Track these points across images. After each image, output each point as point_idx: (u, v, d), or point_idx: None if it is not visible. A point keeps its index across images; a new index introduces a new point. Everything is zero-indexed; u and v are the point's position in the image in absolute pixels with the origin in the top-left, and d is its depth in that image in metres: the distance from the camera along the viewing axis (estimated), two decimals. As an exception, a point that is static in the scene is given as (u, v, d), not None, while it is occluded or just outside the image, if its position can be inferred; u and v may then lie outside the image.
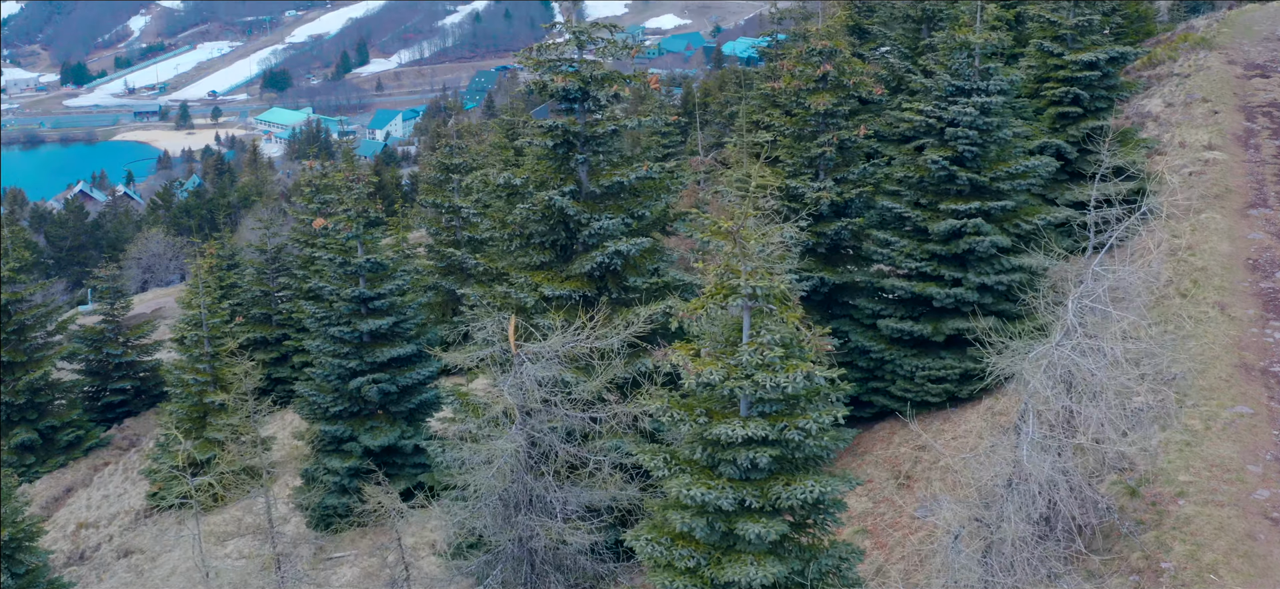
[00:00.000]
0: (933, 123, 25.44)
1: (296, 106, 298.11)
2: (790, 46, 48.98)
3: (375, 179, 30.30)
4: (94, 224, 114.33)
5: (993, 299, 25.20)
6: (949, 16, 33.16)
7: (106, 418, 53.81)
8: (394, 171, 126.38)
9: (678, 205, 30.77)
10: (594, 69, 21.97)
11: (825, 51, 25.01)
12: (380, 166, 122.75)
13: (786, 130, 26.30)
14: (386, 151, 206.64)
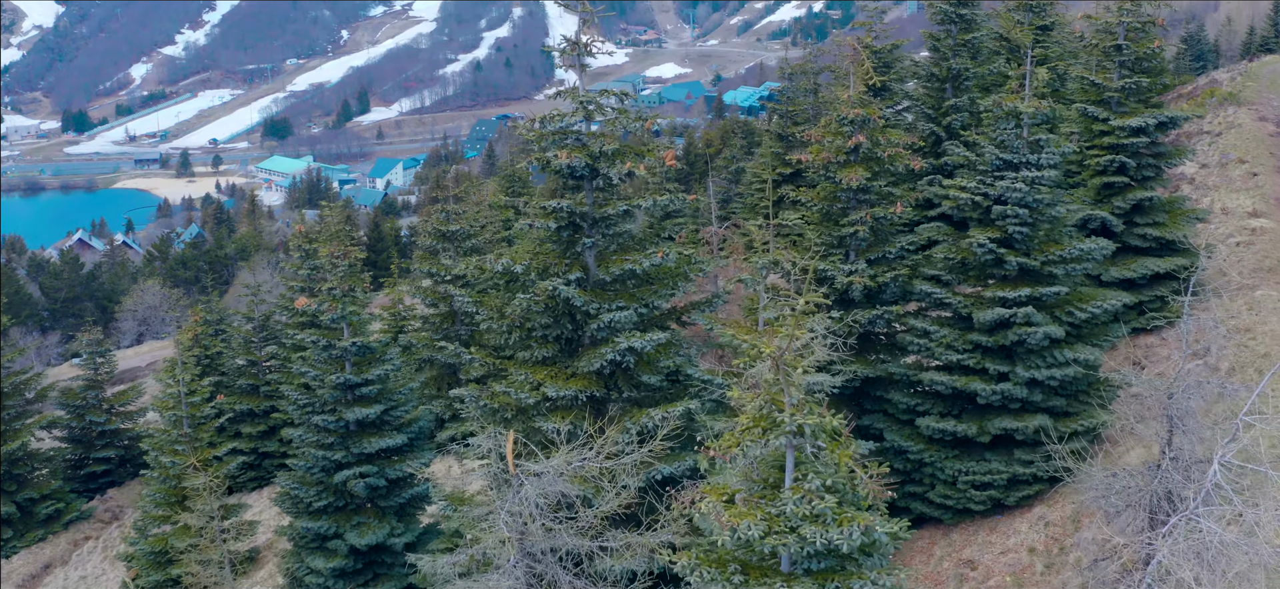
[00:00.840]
0: (978, 200, 23.07)
1: (297, 155, 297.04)
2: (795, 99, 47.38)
3: (362, 254, 27.63)
4: (90, 275, 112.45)
5: (1043, 395, 22.71)
6: (976, 76, 30.99)
7: (89, 488, 51.52)
8: (393, 223, 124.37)
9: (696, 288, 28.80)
10: (603, 143, 19.69)
11: (857, 121, 22.59)
12: (378, 218, 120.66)
13: (814, 206, 24.01)
14: (386, 201, 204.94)
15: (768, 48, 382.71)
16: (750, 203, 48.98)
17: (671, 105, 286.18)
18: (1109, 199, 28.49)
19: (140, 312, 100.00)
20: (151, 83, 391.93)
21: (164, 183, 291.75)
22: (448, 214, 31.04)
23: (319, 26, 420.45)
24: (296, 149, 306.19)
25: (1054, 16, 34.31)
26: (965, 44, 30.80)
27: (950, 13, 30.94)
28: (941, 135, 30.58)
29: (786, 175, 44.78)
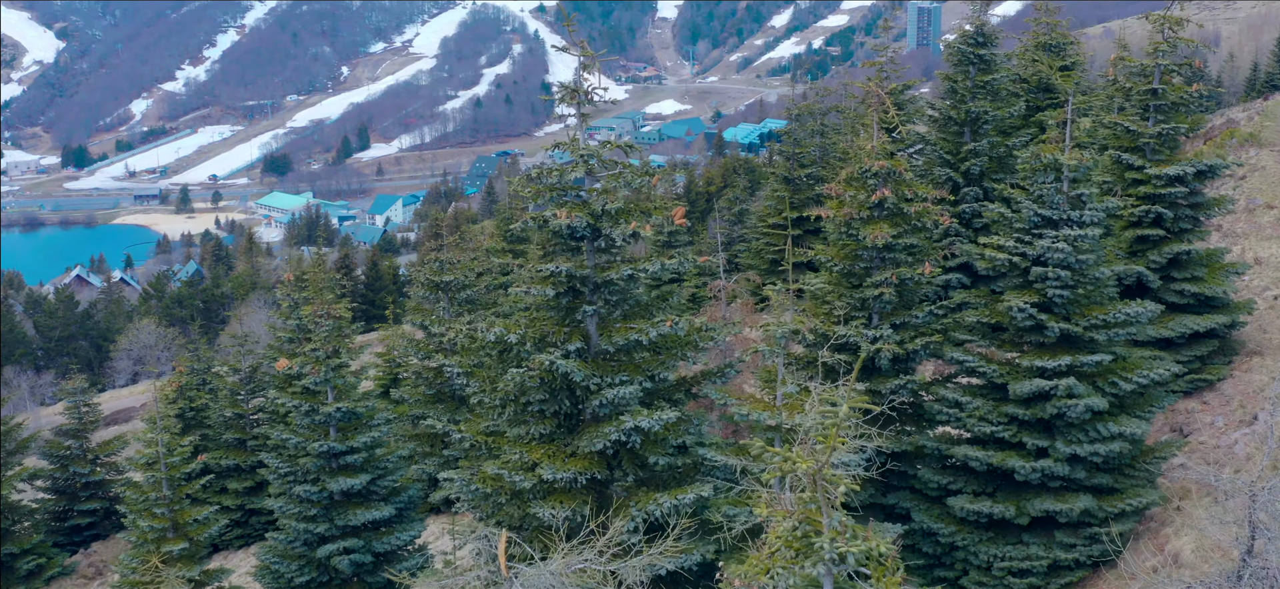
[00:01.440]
0: (1015, 261, 21.30)
1: (297, 191, 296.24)
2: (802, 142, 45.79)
3: (348, 314, 25.85)
4: (85, 313, 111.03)
5: (1087, 472, 20.77)
6: (995, 119, 29.27)
7: (72, 542, 49.59)
8: (392, 261, 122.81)
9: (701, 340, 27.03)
10: (606, 200, 18.07)
11: (881, 174, 20.82)
12: (377, 256, 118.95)
13: (835, 265, 22.08)
14: (386, 238, 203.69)
15: (768, 84, 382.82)
16: (756, 247, 47.25)
17: (671, 141, 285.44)
18: (1144, 253, 26.67)
19: (135, 351, 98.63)
20: (152, 118, 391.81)
21: (163, 219, 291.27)
22: (441, 264, 29.29)
23: (319, 63, 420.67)
24: (296, 185, 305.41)
25: (1075, 56, 32.68)
26: (984, 85, 28.96)
27: (968, 54, 28.99)
28: (959, 181, 28.87)
29: (793, 219, 43.36)
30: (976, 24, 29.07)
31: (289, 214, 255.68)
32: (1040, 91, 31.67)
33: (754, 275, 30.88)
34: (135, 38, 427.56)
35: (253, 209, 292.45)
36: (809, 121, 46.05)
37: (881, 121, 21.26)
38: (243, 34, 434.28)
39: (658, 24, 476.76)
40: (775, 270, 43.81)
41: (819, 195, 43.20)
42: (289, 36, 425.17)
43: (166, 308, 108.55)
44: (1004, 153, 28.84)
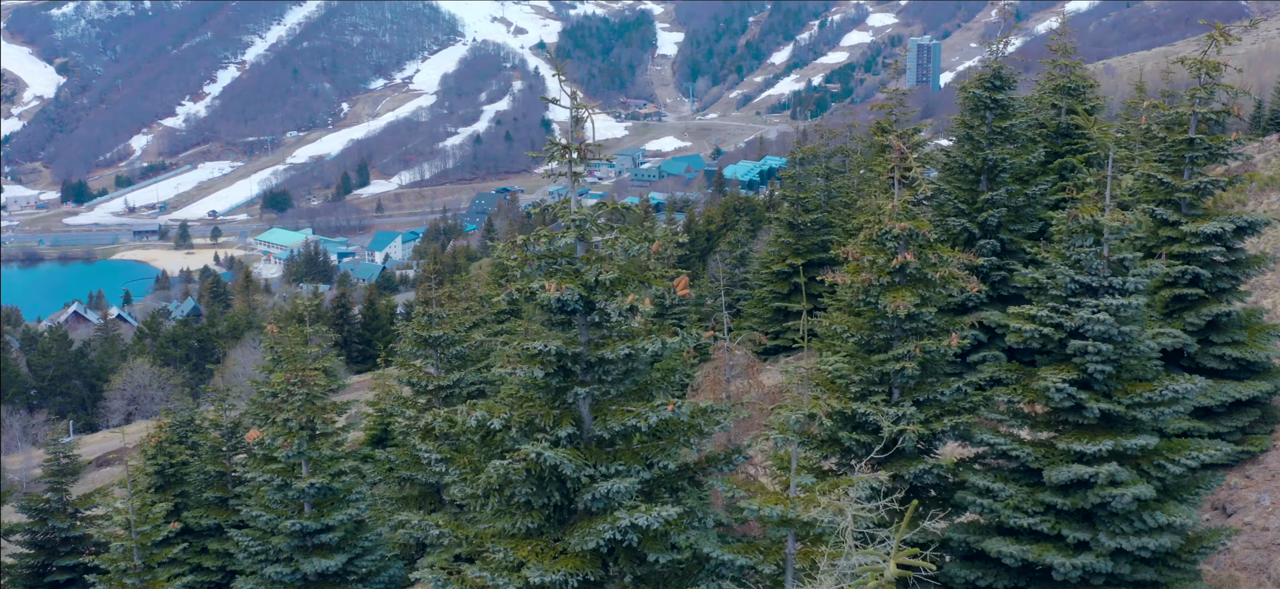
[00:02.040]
0: (1049, 333, 19.36)
1: (296, 227, 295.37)
2: (806, 186, 44.11)
3: (324, 382, 23.91)
4: (78, 352, 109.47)
5: (1131, 566, 18.75)
6: (1015, 169, 27.54)
7: (52, 600, 47.84)
8: (389, 300, 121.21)
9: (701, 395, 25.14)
10: (601, 270, 16.24)
11: (904, 236, 19.05)
12: (374, 295, 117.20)
13: (851, 336, 20.22)
14: (384, 275, 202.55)
15: (768, 121, 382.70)
16: (759, 294, 45.52)
17: (671, 178, 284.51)
18: (1180, 314, 24.78)
19: (129, 390, 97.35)
20: (151, 154, 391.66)
21: (163, 254, 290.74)
22: (429, 317, 27.47)
23: (319, 99, 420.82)
24: (295, 221, 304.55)
25: (1096, 100, 30.94)
26: (1001, 131, 27.19)
27: (984, 99, 27.26)
28: (975, 232, 27.13)
29: (798, 266, 41.74)
30: (994, 67, 27.26)
31: (288, 250, 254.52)
32: (1058, 137, 30.08)
33: (760, 336, 28.89)
34: (136, 73, 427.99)
35: (252, 245, 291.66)
36: (814, 164, 44.36)
37: (902, 177, 19.25)
38: (243, 70, 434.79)
39: (657, 61, 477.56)
40: (780, 318, 42.18)
41: (825, 241, 41.70)
42: (289, 73, 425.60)
43: (161, 347, 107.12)
44: (1023, 202, 27.24)
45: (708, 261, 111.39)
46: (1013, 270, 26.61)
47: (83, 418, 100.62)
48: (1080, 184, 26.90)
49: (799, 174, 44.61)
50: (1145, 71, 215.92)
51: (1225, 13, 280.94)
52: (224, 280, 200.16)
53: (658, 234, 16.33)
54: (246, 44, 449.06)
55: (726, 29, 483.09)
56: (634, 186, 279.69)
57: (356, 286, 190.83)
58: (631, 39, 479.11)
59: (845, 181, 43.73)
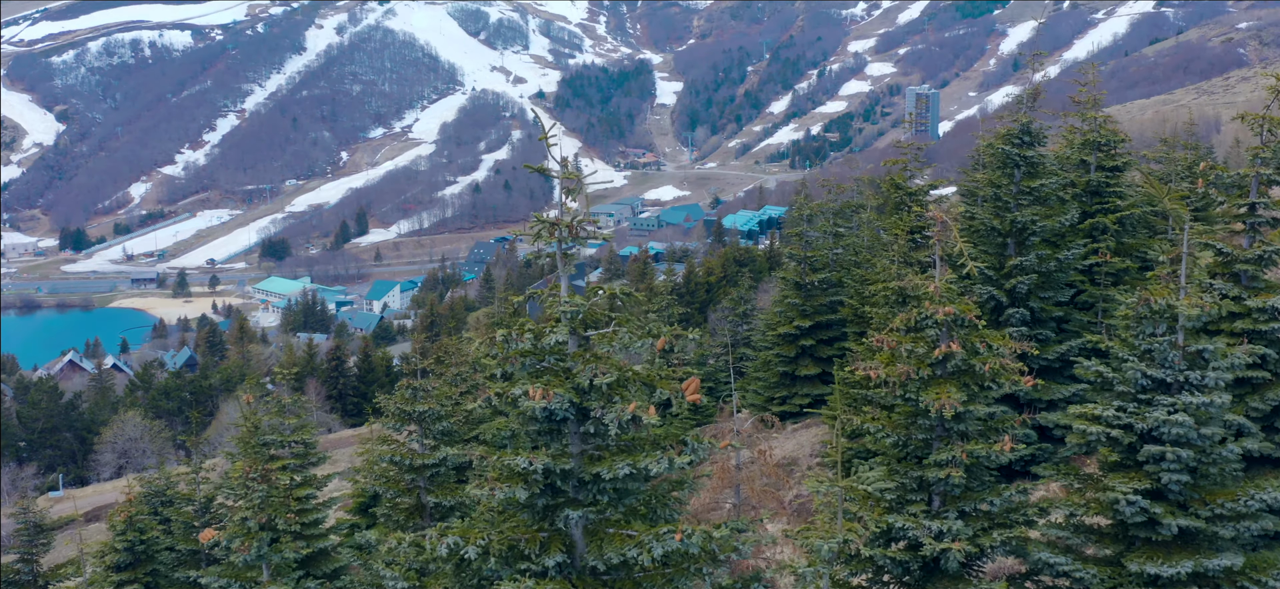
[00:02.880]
0: (1117, 436, 17.18)
1: (295, 275, 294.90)
2: (815, 244, 42.62)
3: (286, 479, 22.68)
4: (69, 404, 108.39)
5: (1216, 709, 16.65)
6: (1045, 231, 25.80)
7: (20, 680, 46.57)
8: (384, 352, 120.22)
9: (709, 490, 24.20)
10: (596, 372, 14.00)
11: (948, 323, 16.85)
12: (369, 347, 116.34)
13: (887, 436, 17.89)
14: (382, 324, 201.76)
15: (766, 170, 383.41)
16: (764, 358, 43.69)
17: (670, 228, 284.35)
18: (1243, 399, 22.25)
19: (120, 444, 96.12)
20: (150, 202, 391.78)
21: (160, 302, 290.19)
22: (414, 390, 25.92)
23: (319, 148, 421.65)
24: (294, 270, 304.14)
25: (1126, 156, 29.33)
26: (1030, 191, 25.53)
27: (1013, 156, 25.54)
28: (1003, 300, 25.39)
29: (805, 329, 40.70)
30: (1022, 121, 25.75)
31: (286, 299, 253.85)
32: (1088, 195, 28.35)
33: (774, 420, 27.84)
34: (135, 121, 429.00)
35: (250, 294, 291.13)
36: (820, 221, 42.80)
37: (944, 253, 17.34)
38: (243, 119, 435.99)
39: (656, 110, 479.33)
40: (787, 383, 40.85)
41: (834, 302, 40.03)
42: (289, 121, 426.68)
43: (153, 399, 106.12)
44: (1054, 267, 25.38)
45: (708, 314, 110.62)
46: (1046, 340, 25.19)
47: (73, 471, 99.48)
48: (1113, 246, 25.81)
49: (805, 231, 42.25)
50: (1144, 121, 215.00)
51: (1223, 61, 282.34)
52: (221, 329, 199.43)
53: (663, 330, 14.38)
54: (246, 92, 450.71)
55: (725, 79, 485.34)
56: (633, 236, 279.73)
57: (354, 337, 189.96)
58: (630, 88, 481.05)
59: (854, 239, 42.30)
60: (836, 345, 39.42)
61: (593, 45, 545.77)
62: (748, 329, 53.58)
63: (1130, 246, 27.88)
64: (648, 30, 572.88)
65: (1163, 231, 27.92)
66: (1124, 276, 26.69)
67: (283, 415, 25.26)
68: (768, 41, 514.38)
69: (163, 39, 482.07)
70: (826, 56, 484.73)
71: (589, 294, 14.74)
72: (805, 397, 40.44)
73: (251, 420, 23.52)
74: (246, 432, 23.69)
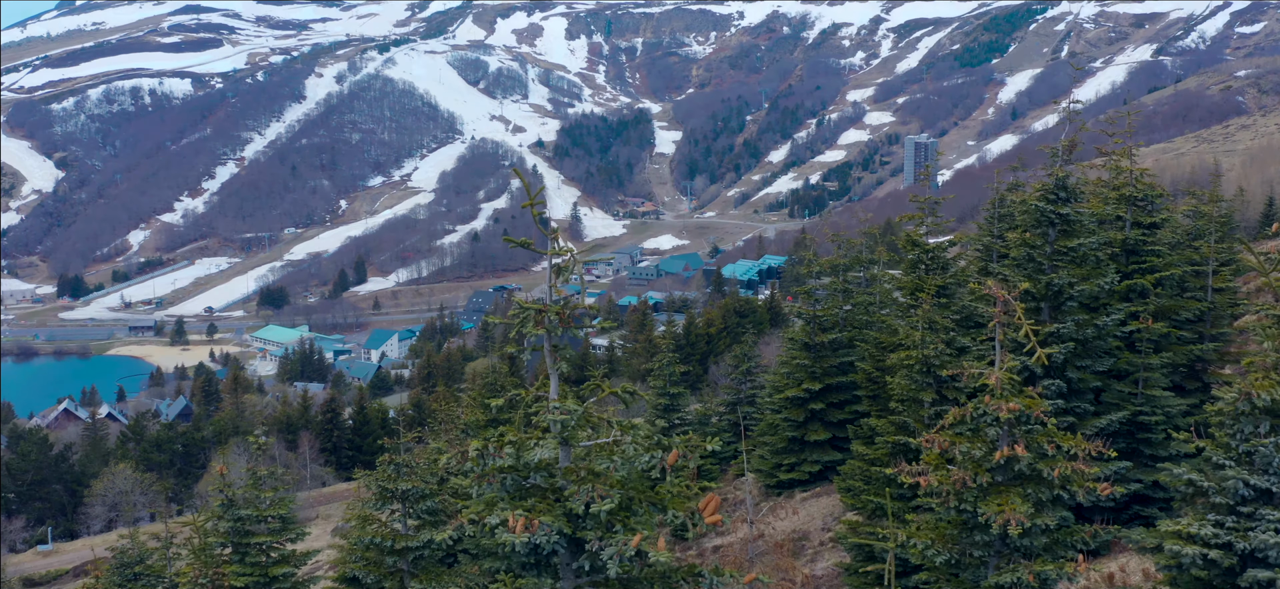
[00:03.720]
0: (1215, 557, 14.74)
1: (293, 324, 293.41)
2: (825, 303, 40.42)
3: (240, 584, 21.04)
4: (60, 456, 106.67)
5: None
6: (1083, 295, 23.58)
7: None
8: (380, 403, 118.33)
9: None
10: (594, 492, 11.56)
11: (1012, 421, 14.49)
12: (364, 400, 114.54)
13: (938, 554, 15.28)
14: (380, 374, 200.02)
15: (765, 219, 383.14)
16: (771, 420, 40.83)
17: (669, 277, 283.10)
18: None
19: (111, 497, 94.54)
20: (149, 249, 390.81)
21: (158, 350, 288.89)
22: (397, 466, 24.09)
23: (318, 196, 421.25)
24: (292, 318, 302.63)
25: (1164, 211, 27.62)
26: (1065, 251, 23.64)
27: (1048, 213, 23.62)
28: (1036, 371, 23.43)
29: (815, 392, 38.18)
30: (1058, 175, 23.80)
31: (283, 348, 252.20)
32: (1125, 254, 26.69)
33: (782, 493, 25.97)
34: (134, 168, 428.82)
35: (248, 342, 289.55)
36: (830, 279, 40.12)
37: (1007, 337, 15.38)
38: (242, 167, 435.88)
39: (655, 159, 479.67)
40: (795, 448, 38.80)
41: (845, 363, 37.98)
42: (288, 169, 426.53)
43: (145, 452, 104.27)
44: (1092, 334, 23.35)
45: (708, 367, 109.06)
46: (1084, 414, 23.25)
47: (63, 524, 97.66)
48: (1153, 310, 23.95)
49: (814, 289, 39.96)
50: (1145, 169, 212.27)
51: (1222, 110, 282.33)
52: (218, 378, 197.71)
53: (674, 442, 11.40)
54: (245, 140, 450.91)
55: (724, 128, 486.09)
56: (631, 285, 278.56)
57: (350, 386, 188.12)
58: (629, 137, 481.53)
59: (865, 297, 40.20)
60: (848, 409, 37.64)
61: (592, 94, 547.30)
62: (751, 387, 51.48)
63: (1169, 309, 26.36)
64: (647, 80, 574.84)
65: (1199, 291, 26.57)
66: (1165, 343, 25.21)
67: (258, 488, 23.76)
68: (766, 91, 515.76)
69: (163, 87, 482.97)
70: (825, 106, 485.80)
71: (586, 389, 12.24)
72: (815, 464, 38.53)
73: (225, 495, 22.11)
74: (216, 509, 22.18)
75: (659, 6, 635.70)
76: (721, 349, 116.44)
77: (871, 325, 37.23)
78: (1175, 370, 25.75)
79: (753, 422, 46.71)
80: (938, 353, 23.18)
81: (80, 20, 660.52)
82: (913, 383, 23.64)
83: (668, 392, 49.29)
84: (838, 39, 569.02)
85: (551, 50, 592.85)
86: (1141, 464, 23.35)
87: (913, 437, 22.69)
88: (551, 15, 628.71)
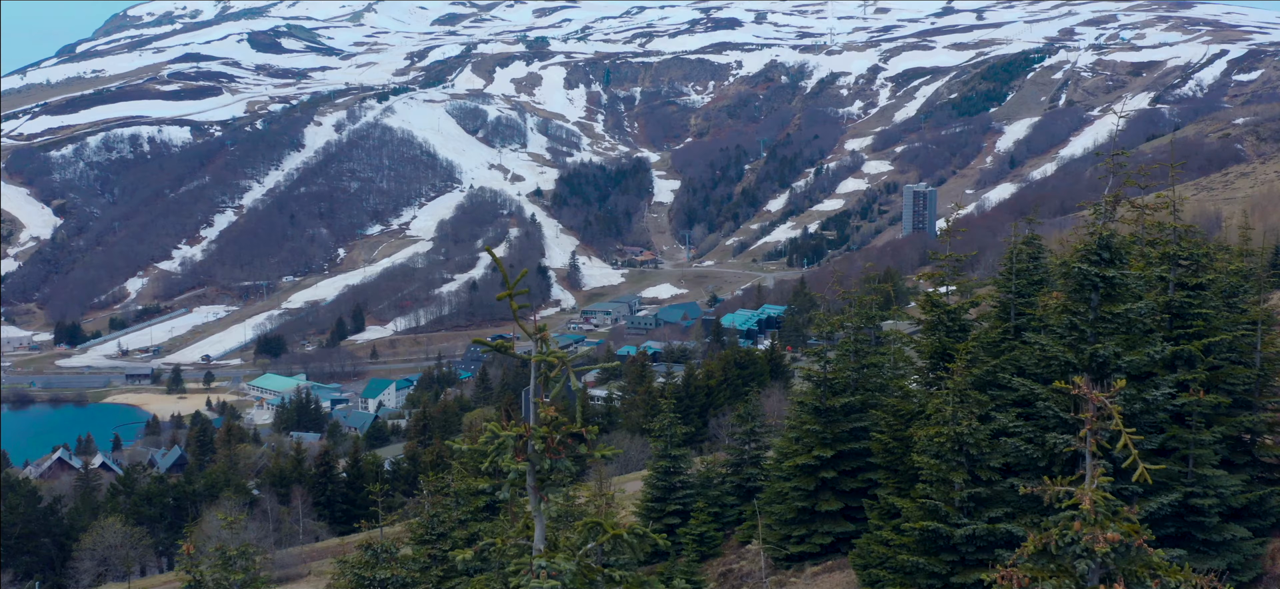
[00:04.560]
0: None
1: (290, 372, 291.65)
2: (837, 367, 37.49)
3: None
4: (48, 509, 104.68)
5: None
6: (1132, 367, 21.54)
7: None
8: (374, 456, 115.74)
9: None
10: None
11: (1108, 554, 11.86)
12: (358, 452, 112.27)
13: None
14: (376, 425, 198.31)
15: (764, 268, 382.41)
16: (778, 489, 37.91)
17: (668, 327, 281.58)
18: None
19: (100, 551, 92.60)
20: (147, 297, 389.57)
21: (155, 398, 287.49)
22: (375, 552, 22.29)
23: (316, 244, 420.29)
24: (289, 367, 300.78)
25: (1211, 273, 25.92)
26: (1111, 318, 21.60)
27: (1091, 276, 21.50)
28: (1082, 449, 21.61)
29: (827, 459, 35.73)
30: (1101, 233, 21.75)
31: (280, 396, 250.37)
32: (1171, 318, 25.03)
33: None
34: (133, 216, 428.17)
35: (245, 390, 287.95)
36: (842, 340, 37.36)
37: (1099, 446, 12.53)
38: (240, 215, 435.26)
39: (654, 208, 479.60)
40: (805, 519, 36.56)
41: (858, 429, 35.67)
42: (287, 218, 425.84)
43: (135, 505, 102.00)
44: (1140, 408, 21.45)
45: (708, 420, 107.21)
46: (1131, 498, 21.16)
47: (51, 579, 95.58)
48: (1203, 380, 22.01)
49: (824, 350, 37.07)
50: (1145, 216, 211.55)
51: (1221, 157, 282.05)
52: (214, 426, 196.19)
53: None
54: (244, 188, 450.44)
55: (722, 177, 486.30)
56: (630, 334, 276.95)
57: (346, 437, 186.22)
58: (628, 186, 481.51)
59: (878, 357, 37.39)
60: (861, 478, 35.65)
61: (590, 143, 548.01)
62: (756, 447, 49.28)
63: (1219, 378, 24.56)
64: (645, 129, 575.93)
65: (1247, 356, 24.87)
66: (1216, 414, 23.47)
67: (227, 569, 22.19)
68: (765, 140, 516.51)
69: (162, 135, 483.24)
70: (824, 154, 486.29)
71: (585, 533, 9.98)
72: (826, 535, 36.27)
73: (192, 576, 20.55)
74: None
75: (657, 56, 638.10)
76: (722, 402, 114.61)
77: (885, 389, 35.46)
78: (1222, 441, 23.98)
79: (758, 484, 44.88)
80: (971, 430, 21.52)
81: (80, 67, 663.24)
82: (944, 463, 21.88)
83: (670, 454, 47.62)
84: (836, 88, 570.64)
85: (550, 99, 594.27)
86: (1194, 552, 21.55)
87: (944, 522, 21.04)
88: (550, 64, 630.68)
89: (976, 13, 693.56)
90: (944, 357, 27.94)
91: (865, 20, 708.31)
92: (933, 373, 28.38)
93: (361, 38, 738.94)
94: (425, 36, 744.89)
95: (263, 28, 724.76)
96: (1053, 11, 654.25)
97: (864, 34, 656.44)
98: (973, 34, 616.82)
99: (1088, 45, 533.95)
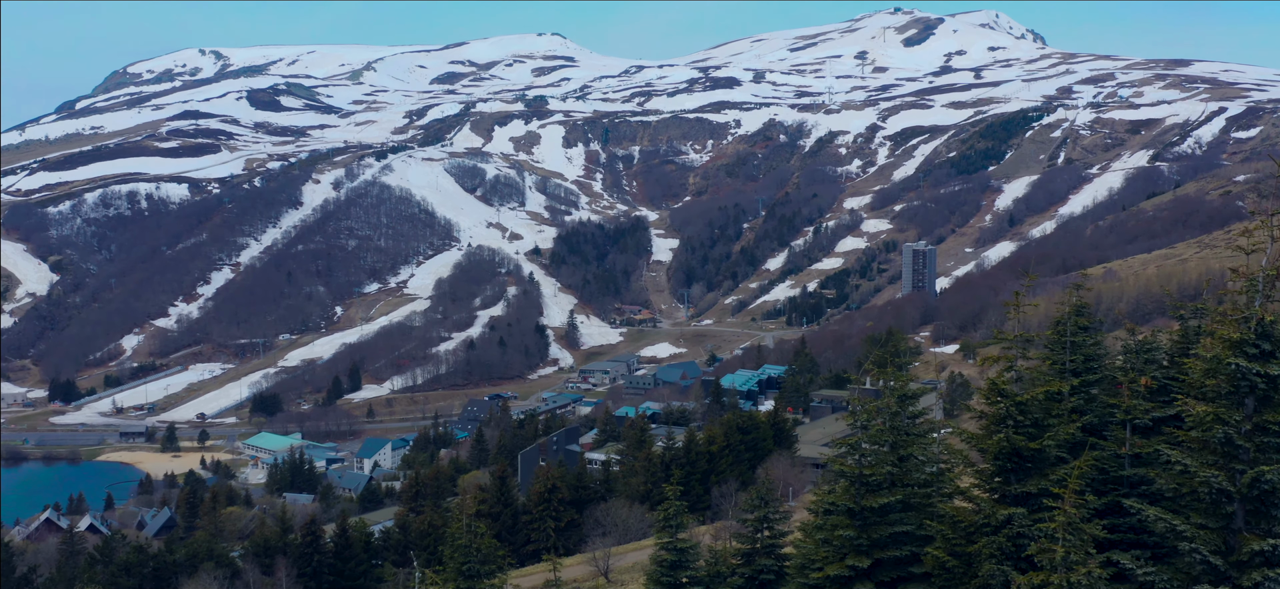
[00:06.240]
0: None
1: (286, 431, 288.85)
2: (872, 460, 33.61)
3: None
4: (23, 578, 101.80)
5: None
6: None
7: None
8: (361, 521, 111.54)
9: None
10: None
11: None
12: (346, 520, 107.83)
13: None
14: (370, 486, 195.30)
15: (763, 327, 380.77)
16: None
17: (666, 386, 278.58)
18: None
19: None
20: (142, 354, 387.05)
21: (149, 457, 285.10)
22: None
23: (313, 302, 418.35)
24: (285, 425, 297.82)
25: None
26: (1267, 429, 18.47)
27: (1249, 374, 18.50)
28: None
29: (862, 570, 29.79)
30: (1262, 318, 18.34)
31: (274, 456, 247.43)
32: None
33: None
34: (129, 273, 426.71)
35: (240, 449, 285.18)
36: (875, 424, 31.39)
37: None
38: (238, 272, 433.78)
39: (652, 267, 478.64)
40: None
41: (901, 533, 30.35)
42: (284, 276, 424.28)
43: (113, 576, 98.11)
44: None
45: (711, 489, 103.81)
46: None
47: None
48: None
49: (860, 440, 31.26)
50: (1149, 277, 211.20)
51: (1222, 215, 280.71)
52: (207, 486, 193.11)
53: None
54: (241, 246, 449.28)
55: (721, 235, 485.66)
56: (628, 395, 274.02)
57: (340, 499, 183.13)
58: (626, 245, 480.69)
59: (921, 450, 32.12)
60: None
61: (589, 202, 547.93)
62: (769, 535, 44.72)
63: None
64: (644, 187, 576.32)
65: None
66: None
67: None
68: (763, 198, 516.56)
69: (159, 192, 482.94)
70: (822, 213, 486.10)
71: None
72: None
73: None
74: None
75: (656, 115, 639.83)
76: (725, 469, 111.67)
77: (929, 485, 32.16)
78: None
79: (770, 577, 41.53)
80: (1091, 582, 18.09)
81: (79, 124, 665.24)
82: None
83: (675, 548, 43.78)
84: (835, 147, 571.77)
85: (549, 158, 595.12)
86: None
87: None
88: (549, 123, 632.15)
89: (974, 72, 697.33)
90: (1016, 459, 24.57)
91: (863, 79, 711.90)
92: (997, 477, 25.47)
93: (360, 96, 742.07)
94: (424, 95, 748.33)
95: (262, 85, 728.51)
96: (1051, 70, 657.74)
97: (862, 93, 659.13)
98: (970, 92, 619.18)
99: (1086, 103, 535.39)
